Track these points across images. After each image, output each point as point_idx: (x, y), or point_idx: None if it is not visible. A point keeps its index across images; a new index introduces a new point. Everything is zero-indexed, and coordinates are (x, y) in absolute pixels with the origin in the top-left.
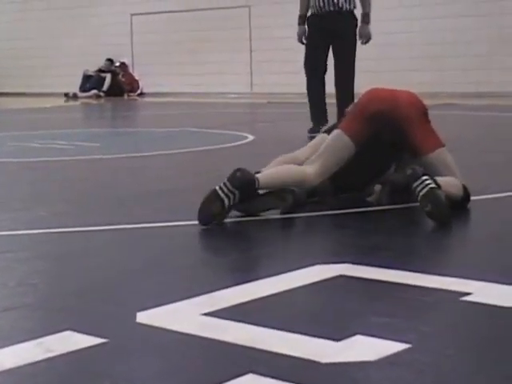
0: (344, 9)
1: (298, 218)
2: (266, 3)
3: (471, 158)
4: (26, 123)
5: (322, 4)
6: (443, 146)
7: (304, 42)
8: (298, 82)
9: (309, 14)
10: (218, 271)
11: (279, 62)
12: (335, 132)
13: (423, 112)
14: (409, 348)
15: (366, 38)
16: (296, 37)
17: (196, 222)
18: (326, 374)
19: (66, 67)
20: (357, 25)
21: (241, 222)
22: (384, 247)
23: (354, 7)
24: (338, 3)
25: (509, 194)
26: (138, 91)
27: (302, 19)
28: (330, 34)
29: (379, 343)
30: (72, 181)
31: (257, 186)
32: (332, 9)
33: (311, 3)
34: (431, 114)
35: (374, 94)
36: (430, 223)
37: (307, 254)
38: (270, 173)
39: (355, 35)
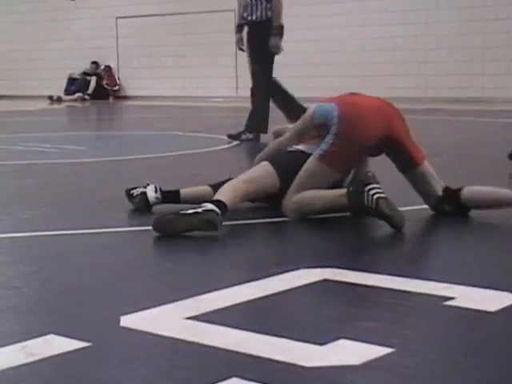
0: (248, 20)
1: (281, 222)
2: None
3: (453, 163)
4: (10, 126)
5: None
6: (425, 157)
7: (242, 48)
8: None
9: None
10: (202, 275)
11: None
12: (320, 166)
13: (405, 121)
14: (392, 352)
15: (274, 49)
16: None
17: None
18: (311, 378)
19: (50, 70)
20: (261, 35)
21: (224, 226)
22: (367, 252)
23: (263, 18)
24: (243, 15)
25: None
26: (118, 93)
27: (238, 28)
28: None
29: (363, 347)
30: (56, 184)
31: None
32: (242, 21)
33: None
34: (415, 118)
35: (357, 120)
36: (411, 229)
37: (291, 258)
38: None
39: (257, 46)
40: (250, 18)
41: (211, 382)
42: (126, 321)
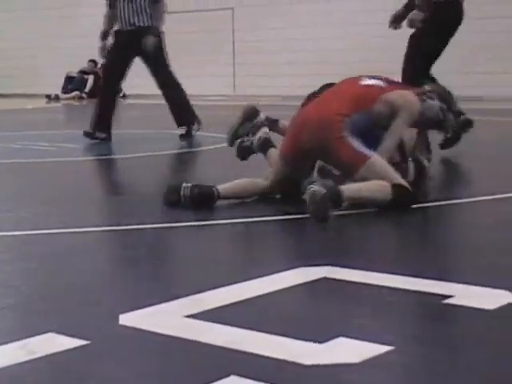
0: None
1: (279, 221)
2: (249, 6)
3: (446, 162)
4: (8, 124)
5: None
6: (368, 157)
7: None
8: (280, 85)
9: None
10: (200, 273)
11: (262, 64)
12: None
13: (337, 128)
14: (391, 350)
15: (148, 48)
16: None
17: (174, 225)
18: (309, 375)
19: (48, 68)
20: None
21: (222, 225)
22: (365, 250)
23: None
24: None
25: (484, 198)
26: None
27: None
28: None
29: (362, 345)
30: (53, 182)
31: (215, 197)
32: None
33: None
34: None
35: (286, 132)
36: (409, 227)
37: (290, 256)
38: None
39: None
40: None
41: (210, 380)
42: (125, 319)
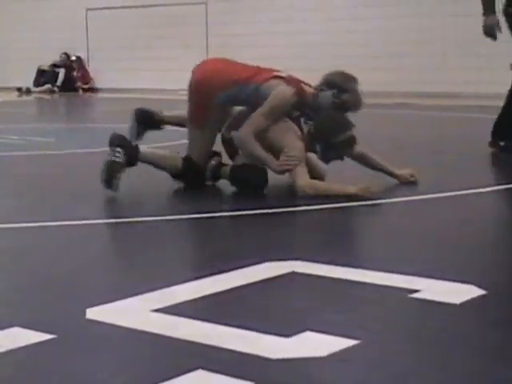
0: None
1: (248, 215)
2: (223, 0)
3: (422, 157)
4: None
5: None
6: None
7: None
8: None
9: None
10: (168, 268)
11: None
12: None
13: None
14: (358, 344)
15: None
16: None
17: (146, 219)
18: (277, 369)
19: (19, 61)
20: None
21: (189, 219)
22: (334, 245)
23: None
24: None
25: (458, 192)
26: (89, 85)
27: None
28: None
29: (329, 339)
30: (23, 176)
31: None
32: None
33: None
34: (385, 112)
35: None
36: (378, 222)
37: (259, 251)
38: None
39: None
40: None
41: (177, 374)
42: (92, 313)
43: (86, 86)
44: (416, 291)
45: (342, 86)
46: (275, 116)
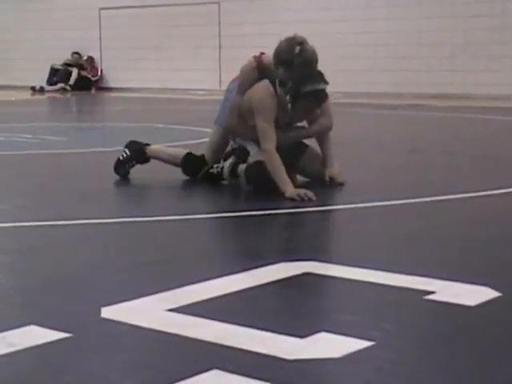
0: None
1: (261, 216)
2: (236, 0)
3: (434, 159)
4: None
5: None
6: None
7: None
8: None
9: None
10: (183, 267)
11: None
12: None
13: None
14: (372, 345)
15: None
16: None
17: (159, 218)
18: (291, 370)
19: (33, 60)
20: None
21: (202, 219)
22: (347, 246)
23: None
24: None
25: (471, 194)
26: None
27: None
28: None
29: (343, 340)
30: (36, 175)
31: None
32: None
33: None
34: (396, 114)
35: None
36: (391, 223)
37: (272, 251)
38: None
39: None
40: None
41: (191, 374)
42: (107, 312)
43: (94, 79)
44: (431, 293)
45: (287, 60)
46: (266, 110)
